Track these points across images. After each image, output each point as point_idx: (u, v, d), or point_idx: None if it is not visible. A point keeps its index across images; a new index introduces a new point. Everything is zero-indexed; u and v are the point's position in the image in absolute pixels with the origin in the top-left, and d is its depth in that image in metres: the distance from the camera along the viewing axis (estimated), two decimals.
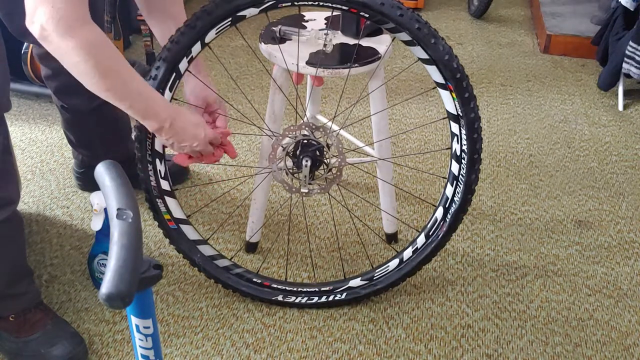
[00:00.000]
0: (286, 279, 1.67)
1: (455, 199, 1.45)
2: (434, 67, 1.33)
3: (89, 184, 1.93)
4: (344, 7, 1.28)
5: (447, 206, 1.47)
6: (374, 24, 1.39)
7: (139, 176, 1.41)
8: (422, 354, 1.49)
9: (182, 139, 1.29)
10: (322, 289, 1.57)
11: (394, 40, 1.46)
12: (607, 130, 2.43)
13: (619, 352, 1.51)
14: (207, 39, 1.30)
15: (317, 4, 1.28)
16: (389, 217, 1.76)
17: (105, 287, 0.67)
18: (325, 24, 1.63)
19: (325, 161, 1.44)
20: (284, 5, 1.28)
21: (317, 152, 1.42)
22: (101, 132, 1.80)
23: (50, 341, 1.41)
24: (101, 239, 1.54)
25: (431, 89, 2.27)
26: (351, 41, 1.56)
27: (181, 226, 1.49)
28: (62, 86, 1.69)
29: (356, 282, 1.57)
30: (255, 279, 1.57)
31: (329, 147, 1.43)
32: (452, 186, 1.45)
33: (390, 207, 1.75)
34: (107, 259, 0.71)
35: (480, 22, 3.39)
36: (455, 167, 1.43)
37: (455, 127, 1.39)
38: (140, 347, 0.86)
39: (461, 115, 1.35)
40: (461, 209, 1.46)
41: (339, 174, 1.45)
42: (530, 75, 2.84)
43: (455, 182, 1.44)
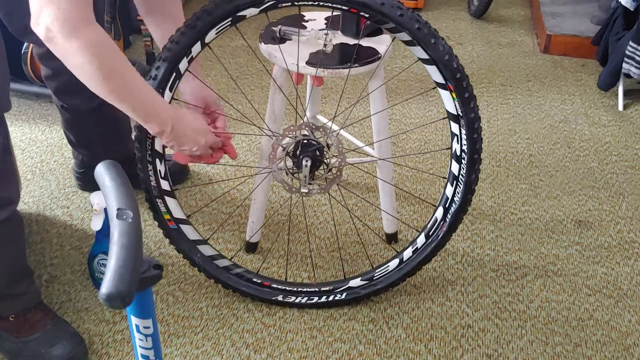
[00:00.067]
0: (286, 279, 1.67)
1: (455, 199, 1.45)
2: (434, 67, 1.33)
3: (89, 184, 1.93)
4: (344, 7, 1.28)
5: (447, 206, 1.47)
6: (374, 24, 1.39)
7: (139, 176, 1.41)
8: (422, 354, 1.49)
9: (183, 142, 1.30)
10: (322, 289, 1.57)
11: (394, 40, 1.47)
12: (607, 130, 2.43)
13: (619, 352, 1.51)
14: (207, 39, 1.30)
15: (317, 4, 1.28)
16: (389, 217, 1.76)
17: (105, 287, 0.67)
18: (325, 24, 1.63)
19: (325, 161, 1.44)
20: (284, 5, 1.28)
21: (317, 152, 1.42)
22: (101, 132, 1.80)
23: (50, 341, 1.41)
24: (101, 239, 1.54)
25: (431, 89, 2.27)
26: (351, 41, 1.56)
27: (181, 226, 1.49)
28: (62, 86, 1.69)
29: (356, 282, 1.57)
30: (255, 279, 1.57)
31: (329, 147, 1.43)
32: (452, 186, 1.45)
33: (390, 207, 1.75)
34: (107, 259, 0.71)
35: (480, 22, 3.39)
36: (455, 167, 1.43)
37: (455, 127, 1.39)
38: (140, 347, 0.86)
39: (461, 115, 1.35)
40: (461, 209, 1.46)
41: (339, 174, 1.45)
42: (530, 75, 2.84)
43: (455, 182, 1.44)
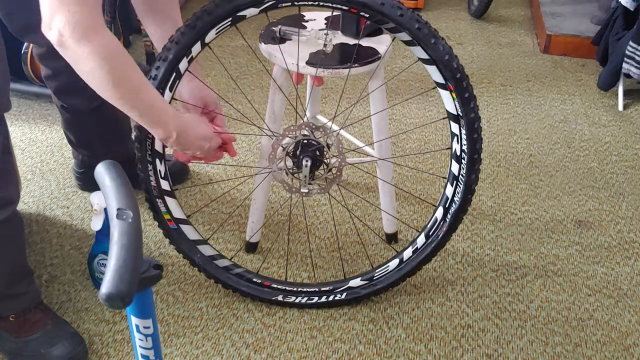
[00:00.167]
0: (286, 279, 1.67)
1: (455, 199, 1.45)
2: (434, 67, 1.33)
3: (89, 184, 1.93)
4: (344, 7, 1.28)
5: (447, 206, 1.47)
6: (374, 24, 1.39)
7: (139, 176, 1.41)
8: (422, 354, 1.49)
9: (187, 148, 1.31)
10: (322, 289, 1.57)
11: (394, 40, 1.46)
12: (607, 130, 2.43)
13: (619, 352, 1.51)
14: (207, 39, 1.30)
15: (317, 4, 1.28)
16: (389, 217, 1.76)
17: (105, 287, 0.67)
18: (325, 24, 1.63)
19: (325, 161, 1.44)
20: (284, 5, 1.28)
21: (317, 152, 1.42)
22: (101, 132, 1.80)
23: (50, 341, 1.41)
24: (101, 239, 1.54)
25: (431, 89, 2.27)
26: (351, 41, 1.56)
27: (181, 226, 1.49)
28: (62, 86, 1.69)
29: (356, 282, 1.57)
30: (255, 279, 1.57)
31: (329, 147, 1.43)
32: (452, 186, 1.45)
33: (390, 207, 1.75)
34: (107, 259, 0.71)
35: (480, 22, 3.39)
36: (455, 167, 1.43)
37: (455, 127, 1.39)
38: (140, 347, 0.86)
39: (461, 115, 1.35)
40: (461, 209, 1.46)
41: (339, 174, 1.45)
42: (530, 75, 2.84)
43: (455, 182, 1.44)
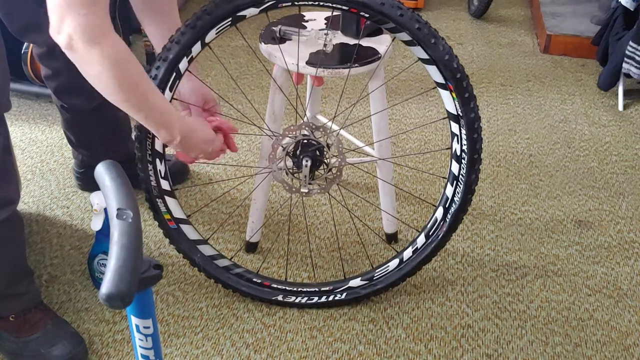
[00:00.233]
0: (286, 279, 1.67)
1: (455, 199, 1.45)
2: (434, 67, 1.33)
3: (89, 184, 1.93)
4: (344, 7, 1.28)
5: (447, 206, 1.47)
6: (374, 24, 1.39)
7: (139, 176, 1.41)
8: (422, 354, 1.49)
9: (190, 150, 1.32)
10: (322, 289, 1.57)
11: (394, 40, 1.46)
12: (607, 130, 2.43)
13: (619, 352, 1.51)
14: (207, 39, 1.30)
15: (317, 4, 1.28)
16: (389, 217, 1.76)
17: (105, 287, 0.67)
18: (325, 24, 1.63)
19: (325, 161, 1.44)
20: (284, 5, 1.28)
21: (317, 152, 1.42)
22: (101, 132, 1.80)
23: (50, 341, 1.41)
24: (101, 239, 1.54)
25: (431, 89, 2.27)
26: (351, 41, 1.56)
27: (181, 226, 1.49)
28: (62, 86, 1.69)
29: (356, 282, 1.57)
30: (255, 279, 1.57)
31: (329, 147, 1.43)
32: (452, 186, 1.45)
33: (390, 207, 1.75)
34: (107, 259, 0.71)
35: (480, 22, 3.39)
36: (455, 167, 1.43)
37: (455, 127, 1.39)
38: (140, 347, 0.86)
39: (461, 115, 1.35)
40: (461, 209, 1.46)
41: (339, 174, 1.45)
42: (530, 75, 2.84)
43: (455, 182, 1.44)
